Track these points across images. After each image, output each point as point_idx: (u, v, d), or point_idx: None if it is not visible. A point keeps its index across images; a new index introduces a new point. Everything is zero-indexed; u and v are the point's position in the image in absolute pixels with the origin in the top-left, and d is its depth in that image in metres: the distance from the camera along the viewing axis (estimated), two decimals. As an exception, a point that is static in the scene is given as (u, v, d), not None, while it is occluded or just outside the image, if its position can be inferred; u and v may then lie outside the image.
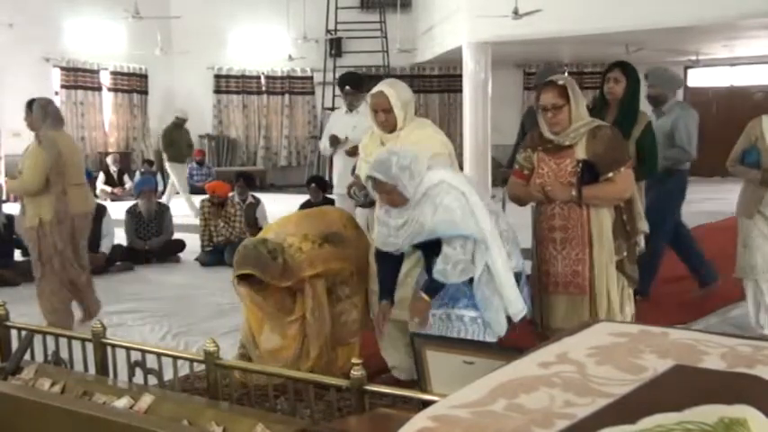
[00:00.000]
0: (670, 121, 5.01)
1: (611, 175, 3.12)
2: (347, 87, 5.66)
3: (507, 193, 3.37)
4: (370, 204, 3.75)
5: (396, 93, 3.45)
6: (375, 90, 3.52)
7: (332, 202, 6.59)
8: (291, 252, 3.22)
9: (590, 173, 3.12)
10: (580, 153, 3.14)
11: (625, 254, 3.25)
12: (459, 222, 2.85)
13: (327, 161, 13.67)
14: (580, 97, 3.17)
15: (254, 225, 7.25)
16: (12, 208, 8.55)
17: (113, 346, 2.67)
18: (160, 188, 12.10)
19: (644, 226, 3.39)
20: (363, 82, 5.77)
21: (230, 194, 7.35)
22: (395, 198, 2.96)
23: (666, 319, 4.37)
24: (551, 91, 3.14)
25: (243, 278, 3.15)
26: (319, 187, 7.78)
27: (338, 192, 5.67)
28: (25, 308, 5.07)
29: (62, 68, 13.30)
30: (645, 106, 4.38)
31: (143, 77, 14.59)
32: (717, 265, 5.41)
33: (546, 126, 3.20)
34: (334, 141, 5.64)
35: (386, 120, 3.46)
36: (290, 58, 14.42)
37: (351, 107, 5.68)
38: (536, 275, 3.33)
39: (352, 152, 5.01)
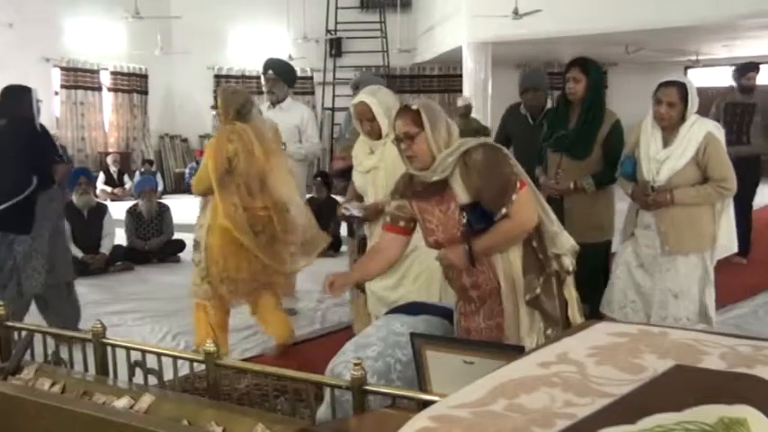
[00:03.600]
0: None
1: (504, 210, 2.47)
2: (270, 72, 5.03)
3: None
4: (362, 221, 3.68)
5: (377, 100, 3.43)
6: (356, 100, 3.52)
7: (335, 200, 6.54)
8: None
9: (482, 215, 2.51)
10: (460, 193, 2.51)
11: (538, 290, 2.56)
12: None
13: (328, 157, 13.69)
14: (440, 123, 2.55)
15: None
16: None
17: (113, 346, 2.67)
18: (160, 188, 12.11)
19: (560, 245, 2.63)
20: (292, 73, 5.22)
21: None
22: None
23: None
24: (403, 117, 2.57)
25: None
26: (324, 183, 7.78)
27: None
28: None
29: (62, 68, 13.30)
30: (614, 105, 4.25)
31: (143, 77, 14.60)
32: (716, 265, 5.39)
33: (406, 162, 2.61)
34: None
35: (371, 129, 3.47)
36: (290, 58, 14.40)
37: (273, 102, 5.08)
38: (458, 330, 2.76)
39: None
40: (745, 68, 6.54)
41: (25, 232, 4.19)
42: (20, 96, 4.42)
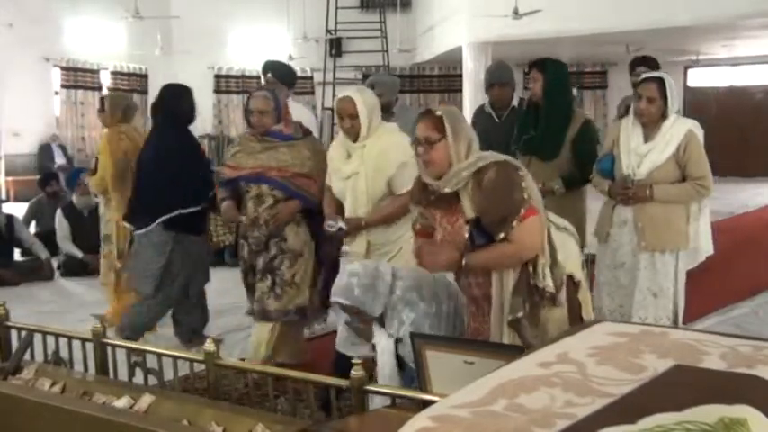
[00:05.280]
0: (402, 122, 4.95)
1: (502, 235, 2.43)
2: (269, 75, 4.95)
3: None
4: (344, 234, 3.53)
5: (363, 99, 3.42)
6: (342, 95, 3.49)
7: None
8: None
9: (484, 232, 2.47)
10: (467, 206, 2.49)
11: (520, 314, 2.49)
12: None
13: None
14: (462, 132, 2.52)
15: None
16: (11, 208, 8.55)
17: (113, 346, 2.67)
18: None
19: (550, 278, 2.52)
20: (291, 74, 5.12)
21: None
22: (365, 318, 2.80)
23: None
24: (425, 122, 2.53)
25: None
26: None
27: None
28: (25, 308, 5.08)
29: (62, 68, 13.30)
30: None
31: (143, 77, 14.59)
32: (715, 265, 5.41)
33: (421, 166, 2.58)
34: None
35: (351, 126, 3.42)
36: (290, 58, 14.40)
37: None
38: (468, 331, 2.73)
39: None
40: (634, 63, 5.42)
41: (201, 233, 4.24)
42: (178, 95, 4.43)
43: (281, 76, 4.98)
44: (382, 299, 2.74)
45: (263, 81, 5.20)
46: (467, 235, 2.48)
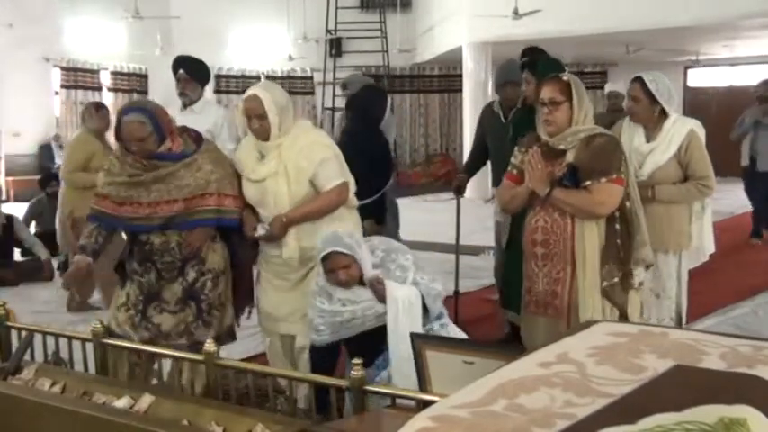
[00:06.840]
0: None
1: (588, 183, 2.81)
2: (181, 71, 4.58)
3: (498, 198, 3.13)
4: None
5: (271, 96, 3.14)
6: (248, 93, 3.19)
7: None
8: None
9: (574, 178, 2.86)
10: (569, 158, 2.88)
11: (616, 279, 2.87)
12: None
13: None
14: (585, 99, 2.88)
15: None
16: (11, 208, 8.55)
17: (113, 346, 2.67)
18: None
19: (644, 254, 2.98)
20: (205, 71, 4.77)
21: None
22: (353, 273, 2.85)
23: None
24: (552, 85, 2.88)
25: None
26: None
27: None
28: (25, 308, 5.08)
29: (62, 68, 13.31)
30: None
31: (143, 77, 14.60)
32: (716, 265, 5.39)
33: (541, 125, 2.93)
34: None
35: (260, 126, 3.13)
36: (290, 58, 14.44)
37: (186, 104, 4.57)
38: (522, 292, 3.09)
39: None
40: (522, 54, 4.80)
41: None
42: (373, 99, 4.40)
43: (194, 72, 4.66)
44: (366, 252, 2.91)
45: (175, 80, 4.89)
46: (560, 174, 2.84)
